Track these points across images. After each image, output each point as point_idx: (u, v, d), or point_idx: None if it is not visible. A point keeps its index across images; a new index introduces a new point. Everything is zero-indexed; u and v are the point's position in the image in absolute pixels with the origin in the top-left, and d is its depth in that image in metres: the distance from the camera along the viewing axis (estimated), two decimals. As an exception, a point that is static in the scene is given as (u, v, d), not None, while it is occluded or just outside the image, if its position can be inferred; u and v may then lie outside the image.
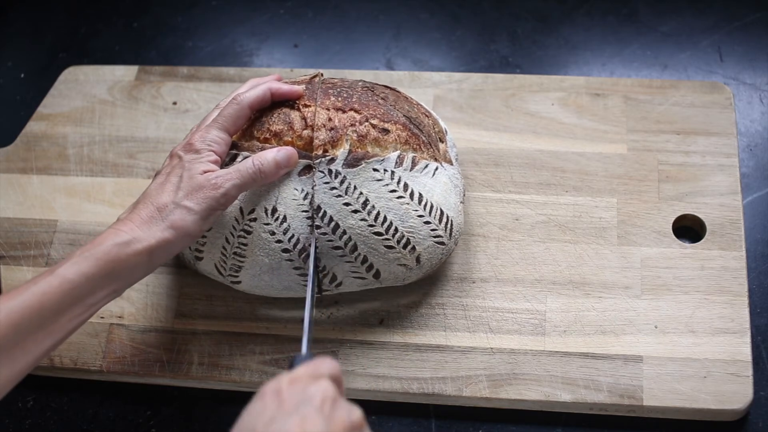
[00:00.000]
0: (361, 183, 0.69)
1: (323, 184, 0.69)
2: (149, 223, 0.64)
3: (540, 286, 0.76)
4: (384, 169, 0.70)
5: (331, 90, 0.73)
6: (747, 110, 0.89)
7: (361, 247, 0.70)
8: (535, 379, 0.72)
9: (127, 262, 0.63)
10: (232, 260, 0.71)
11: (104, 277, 0.62)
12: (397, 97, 0.76)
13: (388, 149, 0.71)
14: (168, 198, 0.65)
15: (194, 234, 0.65)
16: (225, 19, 1.02)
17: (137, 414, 0.76)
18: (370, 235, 0.70)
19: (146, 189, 0.68)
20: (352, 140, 0.70)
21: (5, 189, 0.87)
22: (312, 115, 0.70)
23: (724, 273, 0.75)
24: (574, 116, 0.85)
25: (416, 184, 0.71)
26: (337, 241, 0.69)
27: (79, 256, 0.62)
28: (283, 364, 0.75)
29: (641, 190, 0.80)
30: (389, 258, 0.71)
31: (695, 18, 0.96)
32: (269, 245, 0.70)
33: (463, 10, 1.00)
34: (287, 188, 0.69)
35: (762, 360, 0.75)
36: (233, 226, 0.70)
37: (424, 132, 0.74)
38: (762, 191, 0.84)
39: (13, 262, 0.82)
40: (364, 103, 0.72)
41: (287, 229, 0.69)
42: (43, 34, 1.03)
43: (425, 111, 0.78)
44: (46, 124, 0.91)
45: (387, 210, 0.69)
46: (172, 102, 0.91)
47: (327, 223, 0.69)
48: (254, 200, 0.70)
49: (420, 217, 0.70)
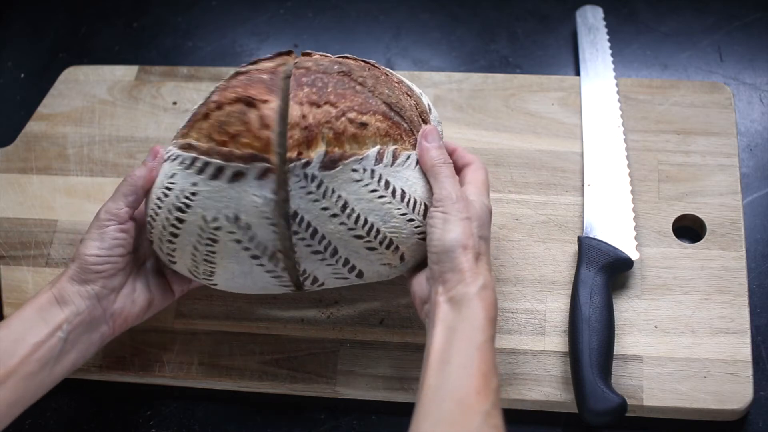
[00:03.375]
0: (340, 185, 0.64)
1: (299, 188, 0.64)
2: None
3: (540, 286, 0.76)
4: (363, 169, 0.65)
5: (304, 78, 0.66)
6: (747, 110, 0.89)
7: (341, 251, 0.66)
8: (535, 379, 0.72)
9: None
10: (204, 266, 0.68)
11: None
12: (376, 79, 0.70)
13: (367, 145, 0.66)
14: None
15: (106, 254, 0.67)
16: (225, 19, 1.02)
17: (137, 414, 0.76)
18: (350, 239, 0.66)
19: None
20: (328, 139, 0.64)
21: (5, 189, 0.87)
22: (270, 113, 0.64)
23: (724, 273, 0.75)
24: (574, 116, 0.85)
25: (398, 179, 0.66)
26: (316, 246, 0.66)
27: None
28: (283, 364, 0.75)
29: (641, 190, 0.80)
30: (371, 259, 0.67)
31: (695, 18, 0.96)
32: (238, 253, 0.66)
33: (463, 10, 1.00)
34: (246, 194, 0.64)
35: (762, 360, 0.75)
36: (198, 234, 0.66)
37: (406, 118, 0.69)
38: (762, 191, 0.84)
39: (13, 262, 0.82)
40: (340, 93, 0.66)
41: (253, 237, 0.65)
42: (43, 34, 1.03)
43: (407, 89, 0.72)
44: (46, 124, 0.91)
45: (368, 212, 0.65)
46: (172, 102, 0.91)
47: (305, 229, 0.65)
48: (216, 207, 0.65)
49: (403, 216, 0.66)
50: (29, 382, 0.63)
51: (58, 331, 0.64)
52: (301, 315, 0.77)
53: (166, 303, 0.73)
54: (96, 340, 0.68)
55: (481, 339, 0.59)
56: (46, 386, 0.65)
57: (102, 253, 0.67)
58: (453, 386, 0.57)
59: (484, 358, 0.59)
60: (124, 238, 0.68)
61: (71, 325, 0.65)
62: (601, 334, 0.70)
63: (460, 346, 0.59)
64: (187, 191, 0.65)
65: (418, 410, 0.58)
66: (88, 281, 0.66)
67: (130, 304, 0.69)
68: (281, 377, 0.74)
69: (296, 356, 0.75)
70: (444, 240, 0.63)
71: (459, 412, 0.56)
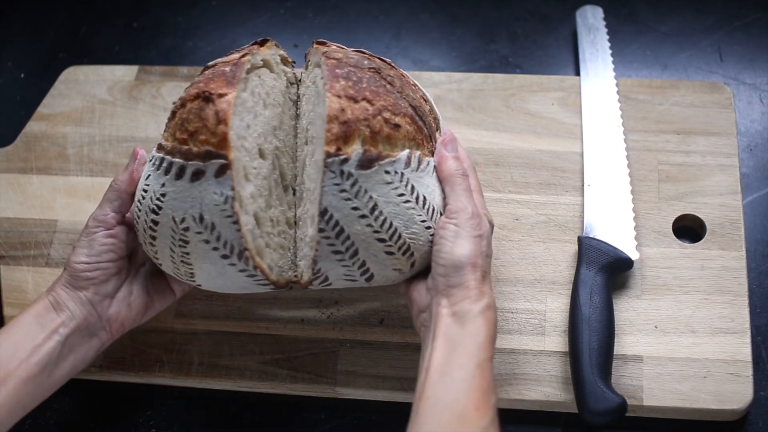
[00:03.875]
0: (372, 186, 0.62)
1: (333, 185, 0.62)
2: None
3: (540, 286, 0.76)
4: (395, 171, 0.63)
5: (338, 70, 0.64)
6: (747, 110, 0.89)
7: (361, 253, 0.64)
8: (535, 379, 0.72)
9: None
10: (183, 267, 0.66)
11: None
12: (401, 80, 0.69)
13: (398, 147, 0.64)
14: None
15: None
16: (225, 19, 1.02)
17: (137, 414, 0.76)
18: (373, 242, 0.64)
19: None
20: (364, 136, 0.62)
21: (5, 189, 0.87)
22: (226, 106, 0.62)
23: (724, 273, 0.75)
24: (574, 116, 0.85)
25: (421, 185, 0.65)
26: (339, 246, 0.64)
27: None
28: (283, 364, 0.75)
29: (641, 190, 0.80)
30: (386, 264, 0.66)
31: (695, 18, 0.96)
32: (208, 254, 0.64)
33: (463, 10, 1.00)
34: (207, 193, 0.62)
35: (762, 360, 0.75)
36: (171, 236, 0.64)
37: (426, 123, 0.68)
38: (762, 191, 0.84)
39: (13, 262, 0.82)
40: (374, 91, 0.64)
41: (219, 236, 0.63)
42: (43, 34, 1.03)
43: (423, 95, 0.72)
44: (46, 124, 0.91)
45: (394, 216, 0.63)
46: (172, 102, 0.90)
47: (332, 227, 0.63)
48: (182, 207, 0.63)
49: (423, 222, 0.65)
50: (29, 386, 0.63)
51: (55, 335, 0.64)
52: (301, 315, 0.77)
53: (166, 303, 0.72)
54: (95, 345, 0.67)
55: (483, 357, 0.60)
56: (46, 390, 0.65)
57: (90, 260, 0.67)
58: (453, 399, 0.57)
59: (484, 375, 0.59)
60: (113, 243, 0.68)
61: (68, 329, 0.65)
62: (601, 334, 0.70)
63: (462, 361, 0.59)
64: (158, 192, 0.64)
65: (415, 420, 0.58)
66: (80, 288, 0.66)
67: (126, 308, 0.68)
68: (281, 377, 0.74)
69: (296, 356, 0.75)
70: (454, 254, 0.63)
71: (459, 424, 0.56)
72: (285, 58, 0.73)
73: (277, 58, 0.72)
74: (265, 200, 0.66)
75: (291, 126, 0.72)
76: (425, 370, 0.60)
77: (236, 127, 0.63)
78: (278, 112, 0.70)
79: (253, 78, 0.67)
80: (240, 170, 0.63)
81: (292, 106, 0.73)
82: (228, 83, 0.63)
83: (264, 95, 0.68)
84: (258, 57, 0.68)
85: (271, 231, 0.67)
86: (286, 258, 0.68)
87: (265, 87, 0.68)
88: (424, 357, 0.61)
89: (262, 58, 0.69)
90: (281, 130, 0.70)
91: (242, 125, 0.64)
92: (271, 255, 0.66)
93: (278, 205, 0.68)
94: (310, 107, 0.70)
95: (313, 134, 0.68)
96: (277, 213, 0.68)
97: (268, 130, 0.68)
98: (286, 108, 0.72)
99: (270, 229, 0.67)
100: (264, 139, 0.67)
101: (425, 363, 0.60)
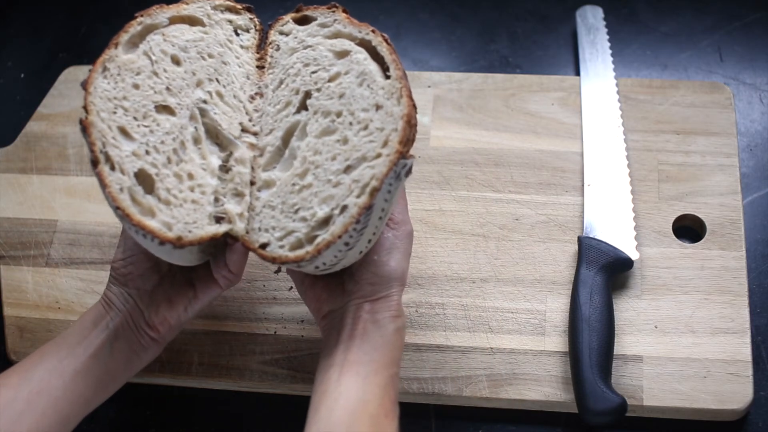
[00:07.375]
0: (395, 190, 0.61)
1: (388, 185, 0.59)
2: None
3: (540, 286, 0.76)
4: (405, 174, 0.61)
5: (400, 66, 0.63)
6: (747, 110, 0.89)
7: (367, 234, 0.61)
8: (535, 379, 0.72)
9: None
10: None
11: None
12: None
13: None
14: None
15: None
16: (225, 19, 1.02)
17: (137, 414, 0.76)
18: (377, 233, 0.62)
19: None
20: (410, 140, 0.61)
21: (5, 189, 0.87)
22: (91, 72, 0.65)
23: (724, 273, 0.75)
24: (574, 116, 0.85)
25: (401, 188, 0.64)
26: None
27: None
28: (283, 364, 0.75)
29: (641, 190, 0.80)
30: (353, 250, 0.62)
31: (695, 18, 0.96)
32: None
33: (463, 10, 1.00)
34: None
35: (762, 360, 0.75)
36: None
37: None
38: (762, 191, 0.84)
39: (13, 262, 0.82)
40: (410, 91, 0.62)
41: (105, 197, 0.62)
42: (43, 34, 1.03)
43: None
44: (46, 124, 0.91)
45: (385, 215, 0.62)
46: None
47: (358, 222, 0.59)
48: None
49: (380, 220, 0.62)
50: (87, 379, 0.64)
51: (104, 328, 0.65)
52: (301, 315, 0.77)
53: (211, 295, 0.68)
54: (146, 343, 0.67)
55: (394, 371, 0.61)
56: (106, 385, 0.66)
57: (125, 256, 0.67)
58: (368, 400, 0.58)
59: (394, 388, 0.60)
60: None
61: (115, 322, 0.65)
62: (601, 334, 0.70)
63: (378, 367, 0.60)
64: None
65: (324, 412, 0.58)
66: (122, 284, 0.67)
67: (166, 302, 0.67)
68: (281, 377, 0.74)
69: (296, 356, 0.75)
70: (389, 266, 0.64)
71: (371, 425, 0.57)
72: (233, 6, 0.72)
73: (209, 10, 0.70)
74: (167, 156, 0.63)
75: (239, 73, 0.69)
76: (339, 365, 0.60)
77: (100, 90, 0.63)
78: (205, 64, 0.67)
79: (152, 38, 0.66)
80: (105, 131, 0.61)
81: (243, 53, 0.70)
82: (107, 48, 0.66)
83: (177, 51, 0.66)
84: (161, 16, 0.67)
85: (176, 186, 0.62)
86: (202, 212, 0.63)
87: (177, 43, 0.67)
88: (335, 353, 0.61)
89: (171, 15, 0.67)
90: (216, 82, 0.67)
91: (117, 87, 0.64)
92: (172, 212, 0.62)
93: (197, 158, 0.65)
94: (298, 67, 0.67)
95: (318, 104, 0.65)
96: (193, 167, 0.64)
97: (182, 85, 0.66)
98: (231, 58, 0.69)
99: (175, 184, 0.62)
100: (173, 95, 0.65)
101: (337, 358, 0.61)
